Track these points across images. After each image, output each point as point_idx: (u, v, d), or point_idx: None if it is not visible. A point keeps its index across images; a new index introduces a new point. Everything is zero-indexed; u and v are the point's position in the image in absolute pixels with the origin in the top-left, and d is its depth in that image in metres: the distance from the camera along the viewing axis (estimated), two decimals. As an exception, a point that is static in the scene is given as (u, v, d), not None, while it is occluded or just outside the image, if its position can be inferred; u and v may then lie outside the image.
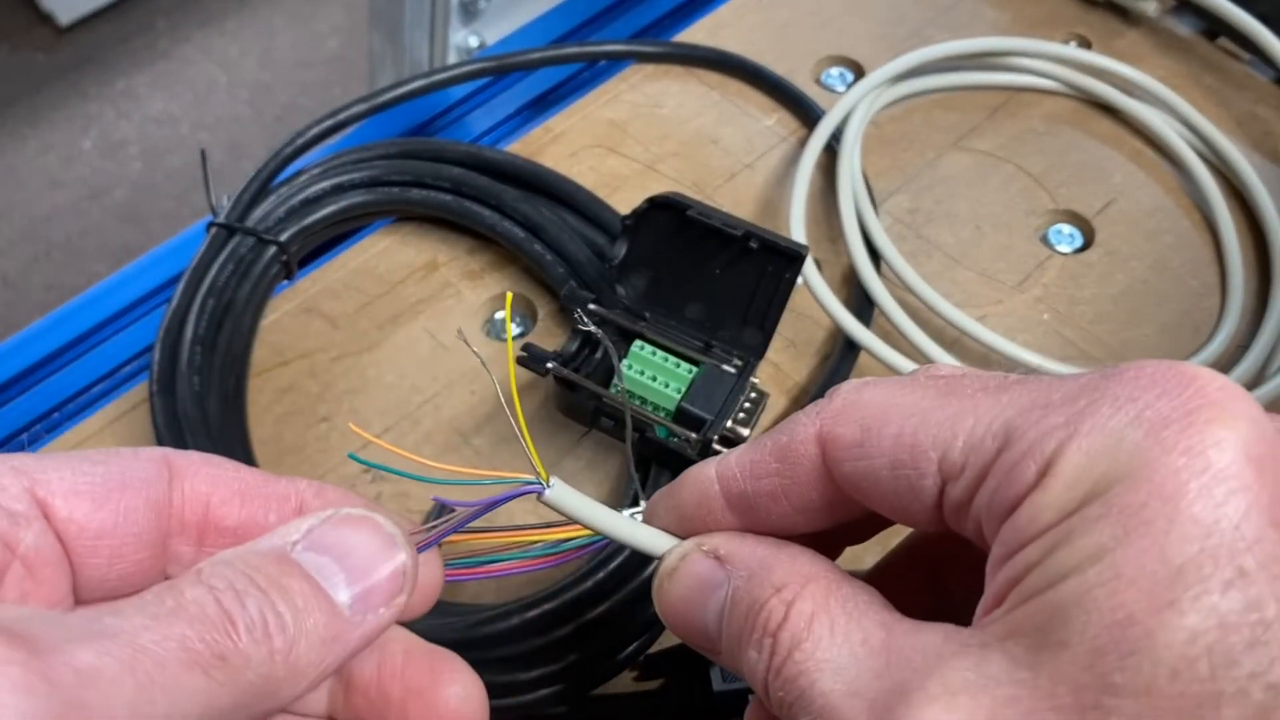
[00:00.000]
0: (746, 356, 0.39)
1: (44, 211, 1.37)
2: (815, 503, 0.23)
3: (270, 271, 0.43)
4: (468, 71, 0.50)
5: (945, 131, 0.52)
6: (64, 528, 0.21)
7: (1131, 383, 0.19)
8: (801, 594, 0.21)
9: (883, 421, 0.21)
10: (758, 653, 0.21)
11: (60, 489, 0.21)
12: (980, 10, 0.57)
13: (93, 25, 1.52)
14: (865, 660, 0.20)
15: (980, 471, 0.20)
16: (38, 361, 0.46)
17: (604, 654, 0.35)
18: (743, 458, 0.24)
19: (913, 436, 0.21)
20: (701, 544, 0.24)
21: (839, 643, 0.20)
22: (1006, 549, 0.19)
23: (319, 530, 0.22)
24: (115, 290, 0.48)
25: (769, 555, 0.23)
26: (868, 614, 0.21)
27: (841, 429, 0.22)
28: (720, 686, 0.34)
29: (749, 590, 0.22)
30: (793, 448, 0.23)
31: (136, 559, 0.22)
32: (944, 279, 0.47)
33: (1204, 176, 0.50)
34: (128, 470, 0.22)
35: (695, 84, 0.53)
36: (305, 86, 1.50)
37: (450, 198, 0.46)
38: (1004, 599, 0.19)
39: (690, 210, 0.38)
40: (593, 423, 0.41)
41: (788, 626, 0.21)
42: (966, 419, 0.20)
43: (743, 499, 0.24)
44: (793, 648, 0.21)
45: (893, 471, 0.21)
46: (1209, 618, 0.17)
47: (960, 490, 0.20)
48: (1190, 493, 0.17)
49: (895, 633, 0.20)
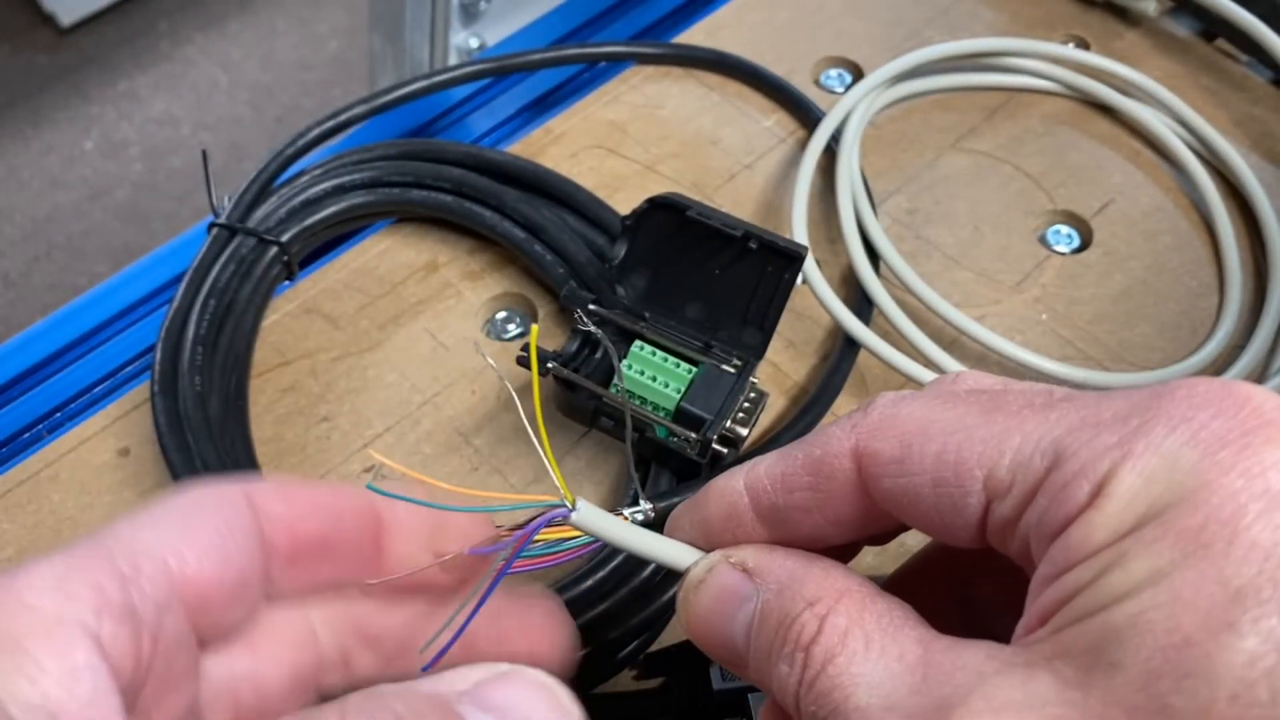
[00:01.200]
0: (746, 356, 0.39)
1: (45, 212, 1.37)
2: (849, 516, 0.23)
3: (271, 272, 0.44)
4: (468, 73, 0.50)
5: (944, 132, 0.52)
6: (197, 598, 0.21)
7: (1185, 402, 0.19)
8: (835, 608, 0.21)
9: (924, 438, 0.21)
10: (789, 667, 0.21)
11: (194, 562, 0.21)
12: (978, 11, 0.57)
13: (94, 26, 1.52)
14: (902, 676, 0.20)
15: (1029, 490, 0.19)
16: (39, 362, 0.46)
17: (604, 654, 0.35)
18: (773, 469, 0.23)
19: (957, 453, 0.20)
20: (729, 556, 0.24)
21: (874, 657, 0.20)
22: (1055, 568, 0.19)
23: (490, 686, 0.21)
24: (116, 290, 0.48)
25: (799, 568, 0.22)
26: (903, 629, 0.20)
27: (880, 444, 0.22)
28: (720, 686, 0.34)
29: (779, 603, 0.22)
30: (827, 461, 0.22)
31: (253, 600, 0.23)
32: (943, 279, 0.47)
33: (1202, 177, 0.50)
34: (230, 516, 0.22)
35: (695, 85, 0.54)
36: (306, 88, 1.50)
37: (450, 198, 0.46)
38: (1049, 619, 0.19)
39: (690, 210, 0.38)
40: (593, 423, 0.41)
41: (821, 640, 0.21)
42: (1013, 436, 0.20)
43: (773, 511, 0.23)
44: (826, 662, 0.20)
45: (935, 489, 0.21)
46: (1268, 641, 0.16)
47: (1007, 509, 0.20)
48: (1249, 515, 0.17)
49: (933, 649, 0.20)
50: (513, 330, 0.46)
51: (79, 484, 0.40)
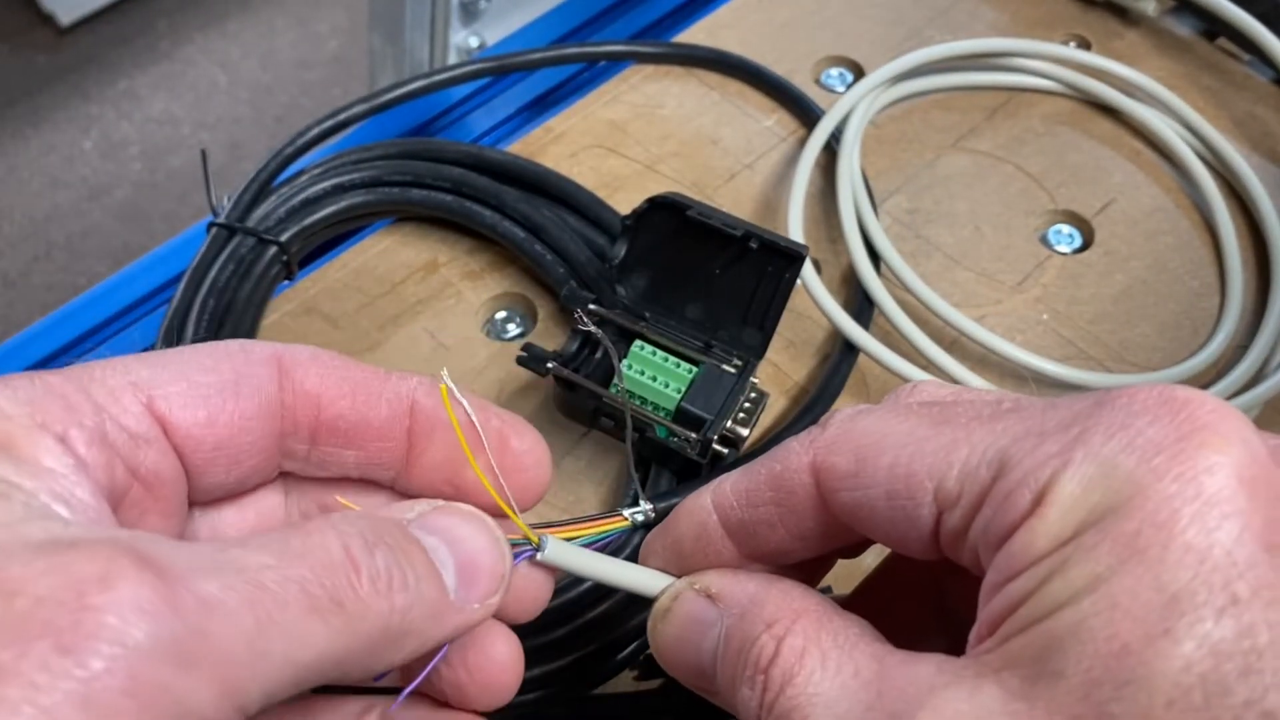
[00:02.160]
0: (746, 356, 0.39)
1: (45, 211, 1.37)
2: (812, 530, 0.23)
3: (271, 272, 0.43)
4: (468, 72, 0.50)
5: (944, 132, 0.52)
6: (182, 443, 0.21)
7: (1124, 410, 0.19)
8: (792, 629, 0.21)
9: (877, 451, 0.21)
10: (750, 690, 0.21)
11: (178, 404, 0.21)
12: (979, 11, 0.57)
13: (94, 26, 1.52)
14: (857, 693, 0.20)
15: (975, 500, 0.20)
16: (39, 361, 0.46)
17: (604, 654, 0.35)
18: (738, 485, 0.24)
19: (908, 466, 0.21)
20: (693, 583, 0.24)
21: (830, 676, 0.20)
22: (1000, 577, 0.19)
23: (432, 515, 0.22)
24: (116, 290, 0.48)
25: (759, 591, 0.23)
26: (859, 646, 0.21)
27: (835, 458, 0.22)
28: (720, 686, 0.34)
29: (741, 628, 0.22)
30: (786, 477, 0.23)
31: (252, 464, 0.22)
32: (943, 279, 0.47)
33: (1203, 177, 0.50)
34: (241, 376, 0.22)
35: (695, 84, 0.53)
36: (306, 87, 1.50)
37: (450, 198, 0.46)
38: (997, 628, 0.19)
39: (690, 210, 0.38)
40: (593, 423, 0.41)
41: (779, 662, 0.21)
42: (961, 448, 0.20)
43: (741, 527, 0.23)
44: (784, 683, 0.21)
45: (889, 501, 0.21)
46: (1202, 646, 0.17)
47: (956, 519, 0.20)
48: (1183, 519, 0.17)
49: (887, 664, 0.20)
50: (513, 330, 0.46)
51: (78, 484, 0.40)
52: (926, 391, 0.23)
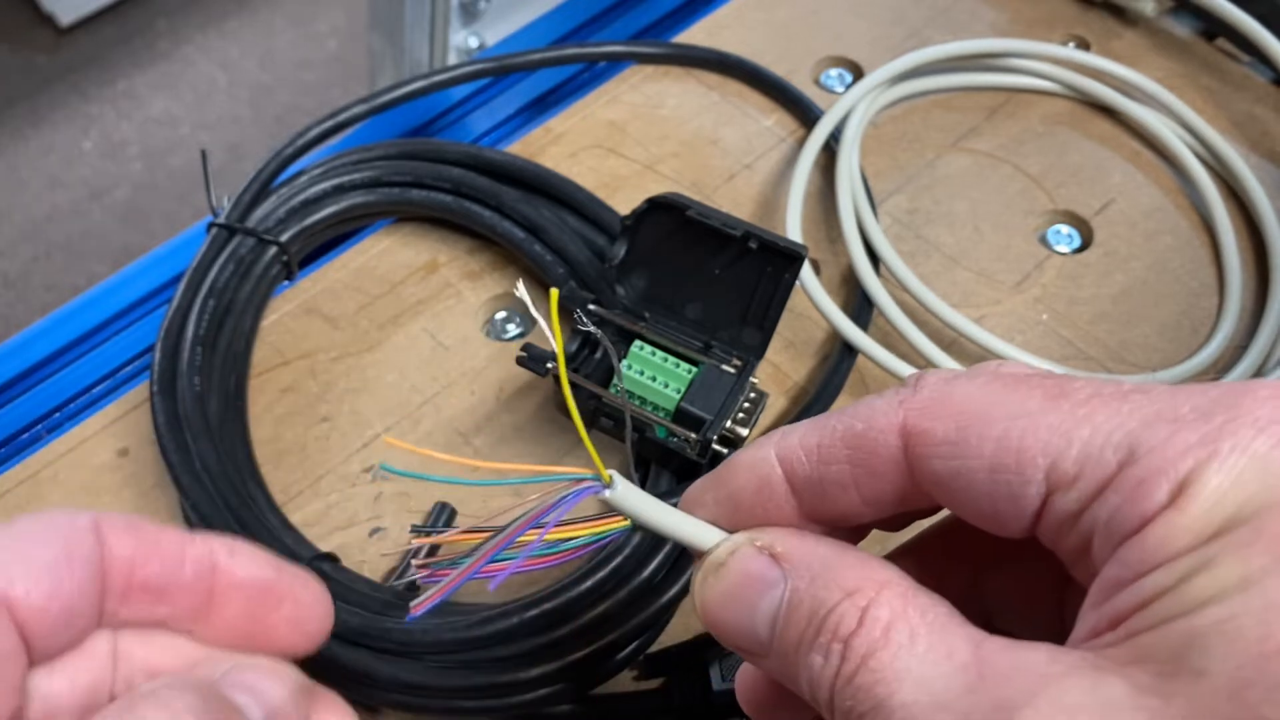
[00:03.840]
0: (746, 356, 0.39)
1: (44, 212, 1.37)
2: (886, 495, 0.22)
3: (271, 272, 0.44)
4: (468, 72, 0.50)
5: (944, 132, 0.52)
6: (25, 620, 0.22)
7: (1270, 403, 0.18)
8: (877, 599, 0.20)
9: (984, 421, 0.20)
10: (823, 658, 0.20)
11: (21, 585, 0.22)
12: (979, 11, 0.57)
13: (93, 26, 1.52)
14: (953, 674, 0.19)
15: (1098, 485, 0.19)
16: (38, 362, 0.46)
17: (604, 654, 0.35)
18: (807, 440, 0.22)
19: (1019, 440, 0.19)
20: (755, 539, 0.22)
21: (920, 653, 0.19)
22: (1130, 571, 0.18)
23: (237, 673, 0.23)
24: (116, 291, 0.48)
25: (833, 556, 0.21)
26: (949, 626, 0.20)
27: (933, 424, 0.21)
28: (720, 686, 0.34)
29: (812, 592, 0.21)
30: (870, 436, 0.21)
31: (84, 625, 0.23)
32: (942, 279, 0.47)
33: (1202, 177, 0.50)
34: (72, 547, 0.23)
35: (695, 85, 0.53)
36: (305, 87, 1.50)
37: (450, 198, 0.46)
38: (1120, 622, 0.18)
39: (690, 210, 0.38)
40: (592, 423, 0.41)
41: (862, 633, 0.20)
42: (1082, 427, 0.19)
43: (808, 485, 0.22)
44: (867, 655, 0.19)
45: (991, 475, 0.20)
46: None
47: (1070, 502, 0.19)
48: None
49: (986, 649, 0.19)
50: (512, 330, 0.46)
51: (78, 484, 0.40)
52: (1019, 366, 0.22)
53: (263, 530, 0.37)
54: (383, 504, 0.40)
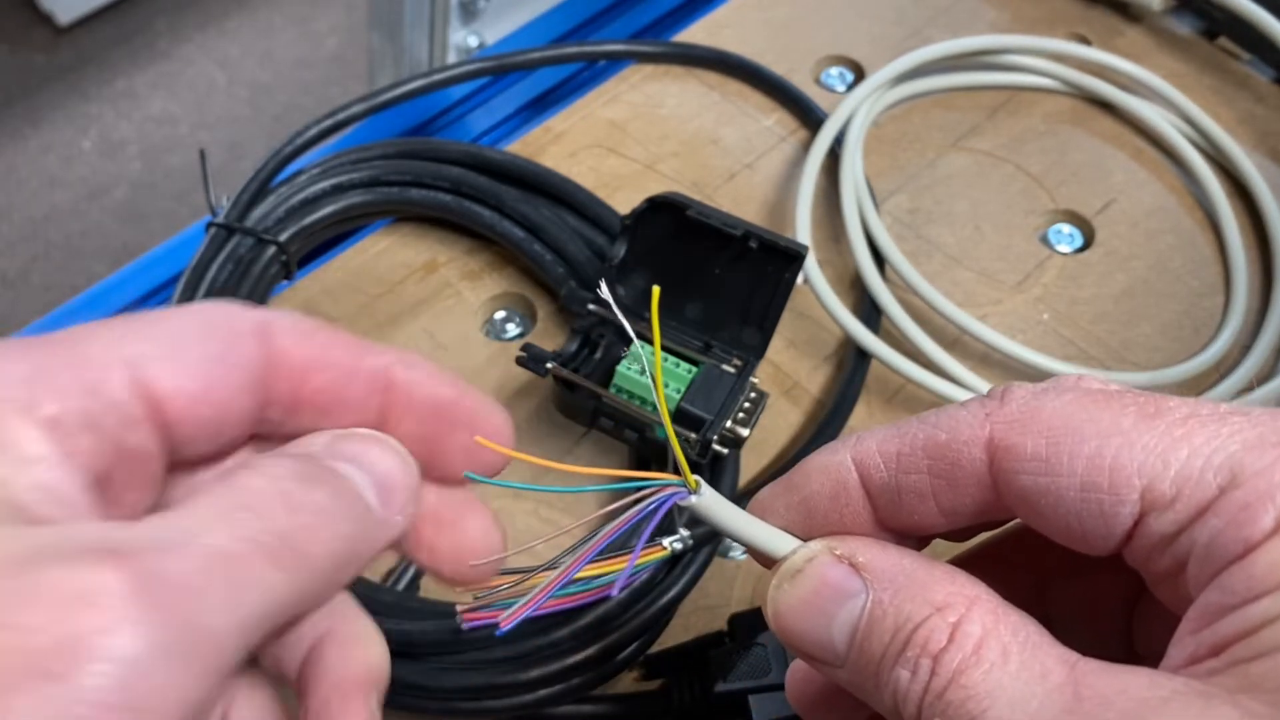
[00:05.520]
0: (746, 356, 0.39)
1: (43, 211, 1.37)
2: (966, 508, 0.21)
3: (270, 271, 0.43)
4: (467, 71, 0.50)
5: (945, 131, 0.52)
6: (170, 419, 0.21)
7: None
8: (968, 615, 0.20)
9: (1076, 438, 0.20)
10: (910, 673, 0.20)
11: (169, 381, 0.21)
12: (980, 10, 0.57)
13: (92, 25, 1.52)
14: (1050, 695, 0.18)
15: (1197, 508, 0.18)
16: (37, 362, 0.46)
17: (604, 654, 0.35)
18: (885, 447, 0.22)
19: (1114, 458, 0.19)
20: (834, 547, 0.22)
21: (1013, 672, 0.19)
22: (1234, 597, 0.18)
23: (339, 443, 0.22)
24: (115, 290, 0.48)
25: (918, 569, 0.21)
26: (1042, 646, 0.19)
27: (1023, 438, 0.20)
28: (720, 687, 0.34)
29: (897, 605, 0.21)
30: (953, 448, 0.21)
31: (234, 435, 0.22)
32: (944, 279, 0.47)
33: (1206, 174, 0.50)
34: (229, 348, 0.22)
35: (695, 84, 0.53)
36: (305, 86, 1.50)
37: (450, 198, 0.46)
38: (1224, 649, 0.18)
39: (690, 210, 0.38)
40: (592, 423, 0.41)
41: (953, 648, 0.19)
42: (1180, 448, 0.19)
43: (884, 492, 0.22)
44: (959, 672, 0.19)
45: (1082, 493, 0.19)
46: None
47: (1166, 524, 0.19)
48: None
49: (1081, 670, 0.19)
50: (512, 330, 0.45)
51: (76, 485, 0.40)
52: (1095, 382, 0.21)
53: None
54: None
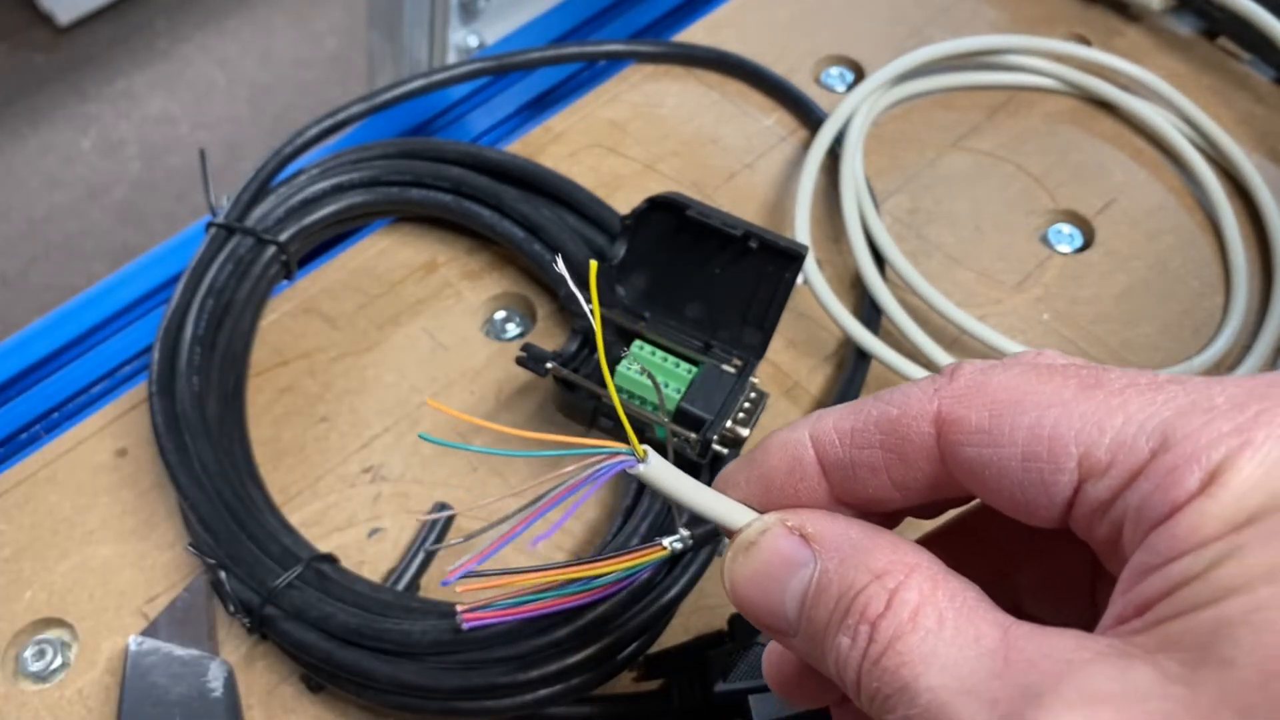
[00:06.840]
0: (746, 356, 0.39)
1: (43, 211, 1.37)
2: (917, 481, 0.22)
3: (269, 271, 0.43)
4: (467, 71, 0.50)
5: (945, 131, 0.52)
6: None
7: None
8: (905, 582, 0.20)
9: (1017, 409, 0.20)
10: (850, 639, 0.20)
11: None
12: (980, 9, 0.57)
13: (92, 25, 1.52)
14: (980, 659, 0.19)
15: (1130, 473, 0.19)
16: (37, 361, 0.46)
17: (604, 654, 0.35)
18: (841, 424, 0.22)
19: (1052, 428, 0.20)
20: (786, 519, 0.22)
21: (948, 637, 0.19)
22: (1158, 557, 0.18)
23: None
24: (114, 290, 0.48)
25: (863, 539, 0.21)
26: (978, 611, 0.20)
27: (966, 411, 0.21)
28: (720, 687, 0.34)
29: (841, 573, 0.21)
30: (904, 422, 0.21)
31: None
32: (944, 279, 0.47)
33: (1206, 174, 0.50)
34: None
35: (695, 84, 0.53)
36: (304, 86, 1.50)
37: (450, 198, 0.46)
38: (1148, 609, 0.18)
39: (690, 210, 0.38)
40: (592, 423, 0.41)
41: (890, 615, 0.20)
42: (1115, 415, 0.19)
43: (839, 468, 0.22)
44: (895, 638, 0.20)
45: (1023, 463, 0.20)
46: None
47: (1102, 490, 0.19)
48: None
49: (1013, 634, 0.19)
50: (512, 330, 0.45)
51: (76, 484, 0.40)
52: (1056, 356, 0.22)
53: (261, 531, 0.37)
54: (381, 504, 0.40)
